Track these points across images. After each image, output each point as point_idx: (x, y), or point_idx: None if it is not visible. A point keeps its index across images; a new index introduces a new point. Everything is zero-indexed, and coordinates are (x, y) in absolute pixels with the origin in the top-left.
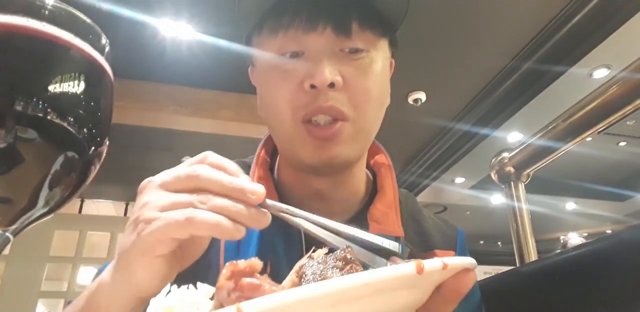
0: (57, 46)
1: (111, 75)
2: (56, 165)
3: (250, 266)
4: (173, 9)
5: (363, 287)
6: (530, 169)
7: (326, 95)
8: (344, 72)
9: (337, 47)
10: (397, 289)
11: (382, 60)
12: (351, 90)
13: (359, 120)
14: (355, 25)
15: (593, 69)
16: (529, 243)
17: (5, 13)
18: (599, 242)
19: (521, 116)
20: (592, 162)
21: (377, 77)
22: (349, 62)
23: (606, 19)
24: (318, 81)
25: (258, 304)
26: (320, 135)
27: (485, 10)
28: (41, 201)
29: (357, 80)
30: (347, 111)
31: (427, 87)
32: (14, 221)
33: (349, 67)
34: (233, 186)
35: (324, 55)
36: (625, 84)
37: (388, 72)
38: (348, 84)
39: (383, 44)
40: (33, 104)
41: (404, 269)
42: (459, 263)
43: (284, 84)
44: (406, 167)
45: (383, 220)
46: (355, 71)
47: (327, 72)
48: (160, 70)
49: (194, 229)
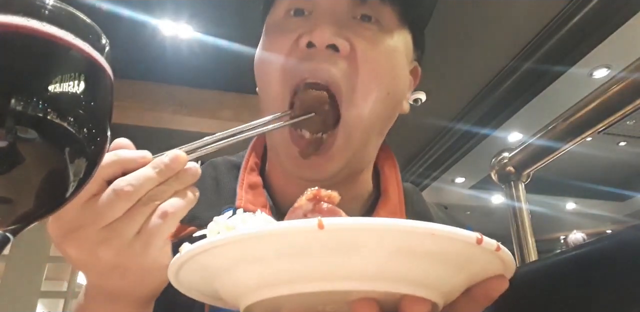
0: (57, 46)
1: (111, 75)
2: (56, 165)
3: (330, 196)
4: (173, 9)
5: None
6: (530, 169)
7: (324, 55)
8: (352, 39)
9: (348, 12)
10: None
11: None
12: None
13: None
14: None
15: (593, 69)
16: (529, 243)
17: (5, 13)
18: (599, 242)
19: (521, 116)
20: (592, 162)
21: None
22: (359, 30)
23: (606, 19)
24: (317, 38)
25: (341, 221)
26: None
27: (485, 10)
28: (41, 201)
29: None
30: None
31: (427, 87)
32: (14, 221)
33: (358, 37)
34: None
35: (332, 16)
36: (625, 84)
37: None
38: (355, 52)
39: (404, 33)
40: (33, 104)
41: (468, 233)
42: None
43: (280, 40)
44: (406, 167)
45: None
46: (366, 41)
47: (328, 32)
48: (160, 70)
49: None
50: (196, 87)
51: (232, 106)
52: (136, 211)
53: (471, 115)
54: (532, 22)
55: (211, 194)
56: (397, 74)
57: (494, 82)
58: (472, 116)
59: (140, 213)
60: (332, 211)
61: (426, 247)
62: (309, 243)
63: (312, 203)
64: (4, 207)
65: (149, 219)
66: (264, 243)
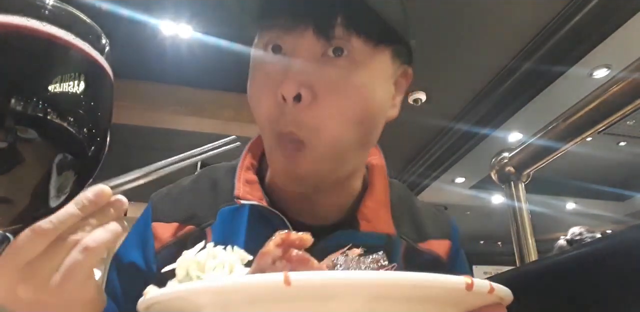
0: (57, 46)
1: (111, 75)
2: (56, 165)
3: (301, 240)
4: (173, 9)
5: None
6: (530, 169)
7: (290, 114)
8: (316, 83)
9: (318, 50)
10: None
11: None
12: (320, 106)
13: (320, 144)
14: (340, 28)
15: (593, 69)
16: (529, 243)
17: (5, 13)
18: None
19: (521, 116)
20: (592, 162)
21: (358, 93)
22: (325, 69)
23: (606, 19)
24: (285, 92)
25: (308, 276)
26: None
27: (485, 10)
28: (41, 201)
29: (328, 94)
30: (305, 136)
31: (427, 87)
32: (14, 221)
33: (324, 78)
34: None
35: (300, 58)
36: (625, 84)
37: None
38: (317, 98)
39: (379, 53)
40: (33, 104)
41: (455, 280)
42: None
43: (263, 91)
44: (406, 167)
45: (373, 218)
46: (329, 83)
47: (293, 84)
48: (160, 70)
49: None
50: (196, 87)
51: (232, 106)
52: (55, 248)
53: (471, 115)
54: (532, 22)
55: (208, 194)
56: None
57: (494, 82)
58: (472, 116)
59: (59, 250)
60: (301, 259)
61: (407, 294)
62: (276, 296)
63: (281, 249)
64: (4, 207)
65: (69, 255)
66: (229, 294)
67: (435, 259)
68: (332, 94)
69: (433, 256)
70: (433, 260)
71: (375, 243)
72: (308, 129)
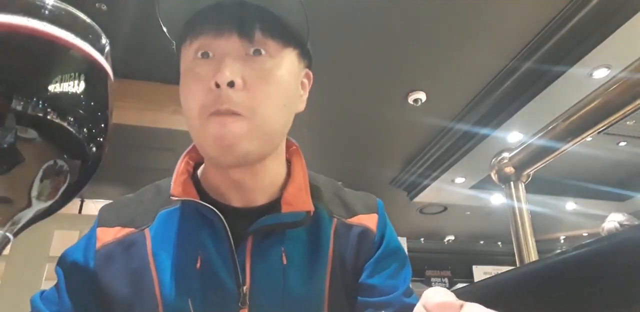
0: (57, 46)
1: (111, 75)
2: (56, 165)
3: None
4: None
5: None
6: (530, 169)
7: (226, 95)
8: (245, 75)
9: (242, 51)
10: None
11: (288, 68)
12: (250, 91)
13: (255, 118)
14: (258, 33)
15: (593, 69)
16: (529, 243)
17: (5, 13)
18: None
19: (521, 116)
20: (592, 162)
21: (279, 82)
22: (251, 64)
23: (606, 19)
24: (219, 80)
25: None
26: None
27: (485, 10)
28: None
29: (257, 82)
30: (242, 111)
31: (427, 87)
32: (14, 221)
33: (251, 70)
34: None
35: (228, 57)
36: (625, 84)
37: (296, 80)
38: (248, 85)
39: (289, 54)
40: (33, 104)
41: None
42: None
43: (195, 85)
44: (406, 167)
45: (293, 201)
46: (256, 74)
47: (228, 72)
48: (160, 70)
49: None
50: None
51: None
52: None
53: (471, 115)
54: (532, 22)
55: (151, 202)
56: (287, 90)
57: (494, 82)
58: (472, 116)
59: None
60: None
61: None
62: None
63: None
64: (4, 207)
65: None
66: None
67: (364, 230)
68: (259, 83)
69: (363, 228)
70: (363, 231)
71: (295, 220)
72: (244, 106)
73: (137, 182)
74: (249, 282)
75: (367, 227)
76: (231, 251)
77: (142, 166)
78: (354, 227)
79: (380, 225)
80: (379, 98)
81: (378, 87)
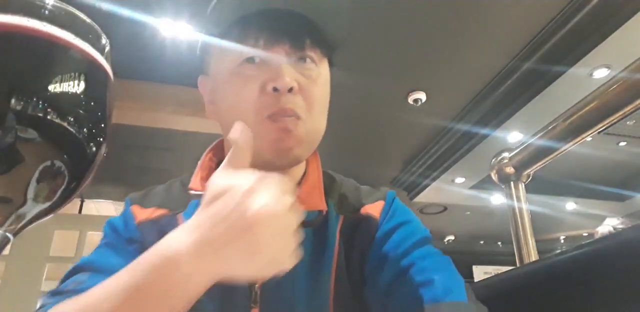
0: (57, 46)
1: (111, 76)
2: (56, 165)
3: None
4: (173, 9)
5: None
6: (530, 169)
7: (287, 97)
8: (299, 80)
9: (293, 57)
10: None
11: (326, 76)
12: (304, 95)
13: (309, 120)
14: (307, 41)
15: (593, 69)
16: (529, 243)
17: (5, 13)
18: (599, 242)
19: (521, 116)
20: (592, 162)
21: (321, 87)
22: (301, 71)
23: (606, 19)
24: (280, 85)
25: None
26: (280, 125)
27: (485, 10)
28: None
29: (307, 87)
30: (301, 113)
31: (427, 87)
32: (14, 221)
33: (301, 76)
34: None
35: (284, 63)
36: (625, 84)
37: (329, 87)
38: (302, 90)
39: (325, 62)
40: (33, 104)
41: None
42: None
43: (248, 87)
44: (406, 167)
45: (307, 199)
46: (305, 79)
47: (288, 78)
48: (160, 70)
49: None
50: (196, 87)
51: None
52: None
53: (471, 115)
54: (532, 22)
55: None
56: (327, 95)
57: (494, 82)
58: (472, 116)
59: None
60: None
61: None
62: None
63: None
64: (3, 206)
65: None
66: None
67: (368, 220)
68: (309, 87)
69: (367, 217)
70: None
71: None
72: (301, 107)
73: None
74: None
75: (370, 216)
76: None
77: (142, 166)
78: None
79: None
80: (379, 98)
81: (378, 87)
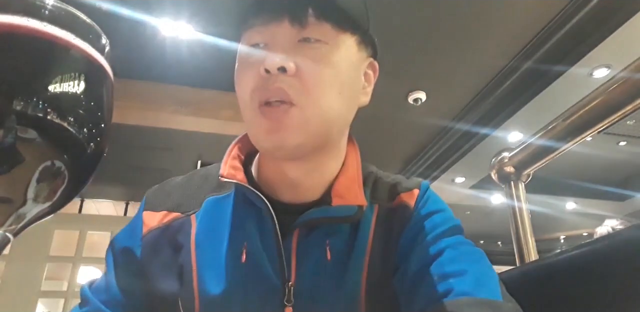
0: (57, 46)
1: (111, 75)
2: (56, 165)
3: None
4: (173, 9)
5: None
6: (530, 169)
7: (277, 77)
8: (298, 60)
9: (294, 37)
10: None
11: (344, 54)
12: (303, 76)
13: (309, 106)
14: (311, 17)
15: (593, 69)
16: (529, 243)
17: (5, 13)
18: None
19: (521, 116)
20: (592, 162)
21: (334, 68)
22: (304, 50)
23: (606, 19)
24: (268, 65)
25: None
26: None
27: (485, 10)
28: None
29: (309, 68)
30: (293, 95)
31: (427, 87)
32: (14, 221)
33: (303, 56)
34: None
35: (280, 43)
36: (625, 84)
37: (355, 69)
38: (301, 71)
39: (346, 39)
40: (33, 104)
41: None
42: None
43: (246, 72)
44: (406, 167)
45: (345, 194)
46: (310, 60)
47: (277, 57)
48: (160, 70)
49: None
50: (196, 87)
51: (232, 106)
52: None
53: (471, 115)
54: (532, 22)
55: (198, 187)
56: (344, 77)
57: (494, 82)
58: (472, 116)
59: None
60: None
61: None
62: None
63: None
64: (3, 207)
65: None
66: None
67: (404, 209)
68: (312, 68)
69: (402, 206)
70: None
71: (345, 214)
72: (296, 89)
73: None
74: (294, 278)
75: (406, 205)
76: (278, 244)
77: (142, 166)
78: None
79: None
80: (379, 98)
81: (378, 87)
